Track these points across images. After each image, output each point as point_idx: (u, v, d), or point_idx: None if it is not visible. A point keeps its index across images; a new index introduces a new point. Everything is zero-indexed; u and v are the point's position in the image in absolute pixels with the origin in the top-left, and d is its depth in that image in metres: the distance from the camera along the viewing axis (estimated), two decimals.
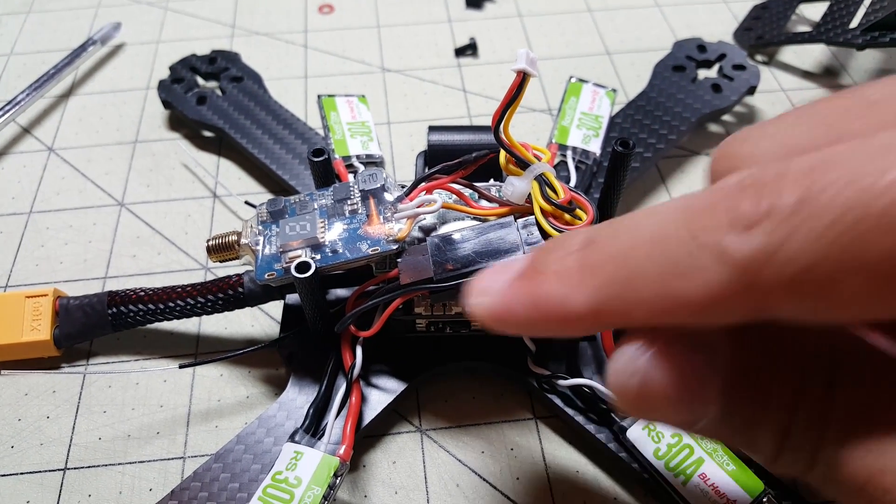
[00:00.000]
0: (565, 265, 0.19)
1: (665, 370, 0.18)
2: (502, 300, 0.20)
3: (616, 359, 0.18)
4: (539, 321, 0.19)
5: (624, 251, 0.17)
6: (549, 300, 0.18)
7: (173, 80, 0.45)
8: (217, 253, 0.31)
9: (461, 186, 0.30)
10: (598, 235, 0.18)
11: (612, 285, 0.17)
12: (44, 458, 0.31)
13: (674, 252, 0.16)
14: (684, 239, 0.16)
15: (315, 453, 0.27)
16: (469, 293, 0.21)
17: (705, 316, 0.16)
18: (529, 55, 0.27)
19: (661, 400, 0.18)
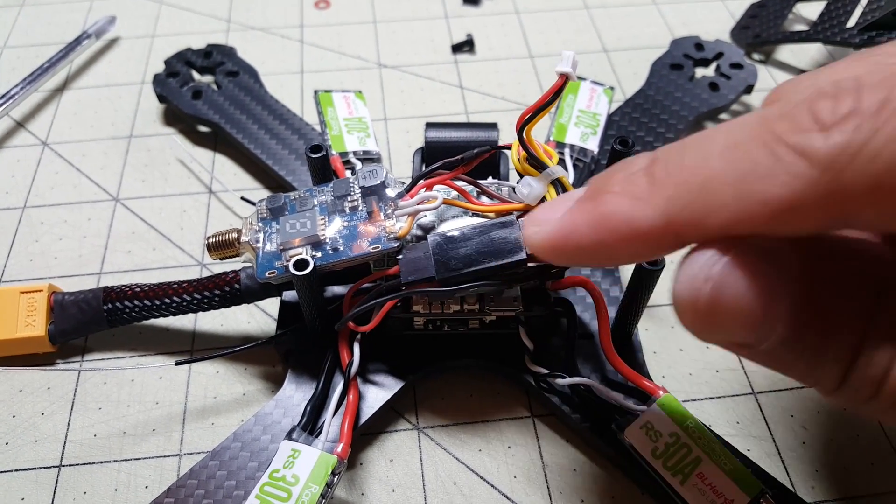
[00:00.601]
0: (632, 181, 0.18)
1: (740, 277, 0.17)
2: (564, 224, 0.19)
3: (687, 266, 0.17)
4: (606, 242, 0.18)
5: (697, 161, 0.17)
6: (617, 217, 0.18)
7: (168, 74, 0.44)
8: (217, 250, 0.31)
9: (462, 183, 0.30)
10: (665, 154, 0.18)
11: (687, 194, 0.17)
12: (38, 455, 0.31)
13: (754, 154, 0.16)
14: (765, 141, 0.16)
15: (312, 451, 0.27)
16: (526, 223, 0.20)
17: (785, 222, 0.16)
18: (574, 58, 0.27)
19: (732, 312, 0.17)
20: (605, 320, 0.31)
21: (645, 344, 0.34)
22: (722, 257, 0.17)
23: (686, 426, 0.28)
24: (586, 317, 0.33)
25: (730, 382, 0.33)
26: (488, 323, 0.31)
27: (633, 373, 0.30)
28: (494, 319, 0.31)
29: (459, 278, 0.27)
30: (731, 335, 0.18)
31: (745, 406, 0.32)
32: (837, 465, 0.30)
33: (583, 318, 0.33)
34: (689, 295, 0.17)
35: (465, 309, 0.30)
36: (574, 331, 0.32)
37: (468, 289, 0.27)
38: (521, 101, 0.46)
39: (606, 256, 0.19)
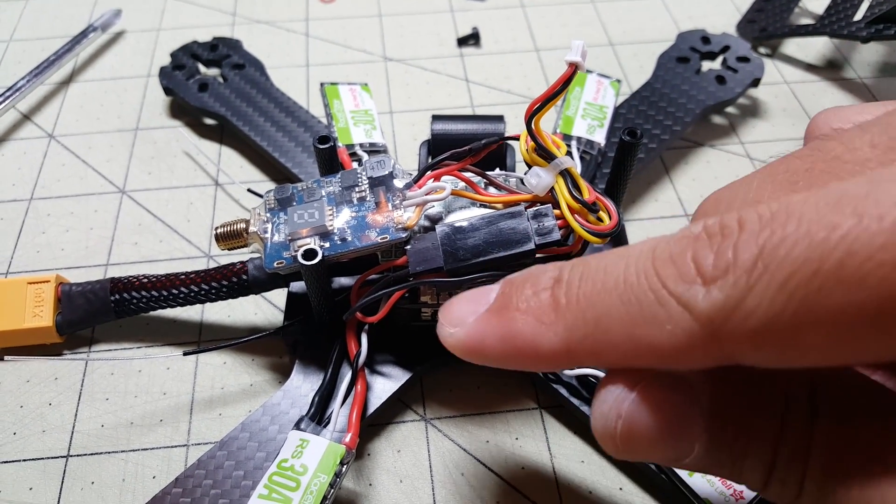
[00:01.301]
0: (537, 302, 0.19)
1: (648, 412, 0.18)
2: (475, 333, 0.20)
3: (599, 403, 0.19)
4: (511, 357, 0.19)
5: (594, 293, 0.18)
6: (521, 338, 0.19)
7: (174, 66, 0.44)
8: (225, 241, 0.31)
9: (470, 174, 0.30)
10: (569, 275, 0.19)
11: (584, 326, 0.18)
12: (46, 445, 0.31)
13: (640, 299, 0.17)
14: (652, 285, 0.16)
15: (321, 441, 0.27)
16: (442, 320, 0.21)
17: (674, 362, 0.16)
18: (583, 48, 0.26)
19: (647, 442, 0.18)
20: None
21: None
22: (629, 393, 0.18)
23: None
24: None
25: None
26: None
27: None
28: None
29: (468, 268, 0.27)
30: (651, 458, 0.19)
31: None
32: None
33: None
34: (605, 430, 0.19)
35: None
36: None
37: (476, 279, 0.27)
38: (527, 94, 0.46)
39: (516, 367, 0.20)
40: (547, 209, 0.28)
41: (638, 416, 0.18)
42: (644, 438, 0.18)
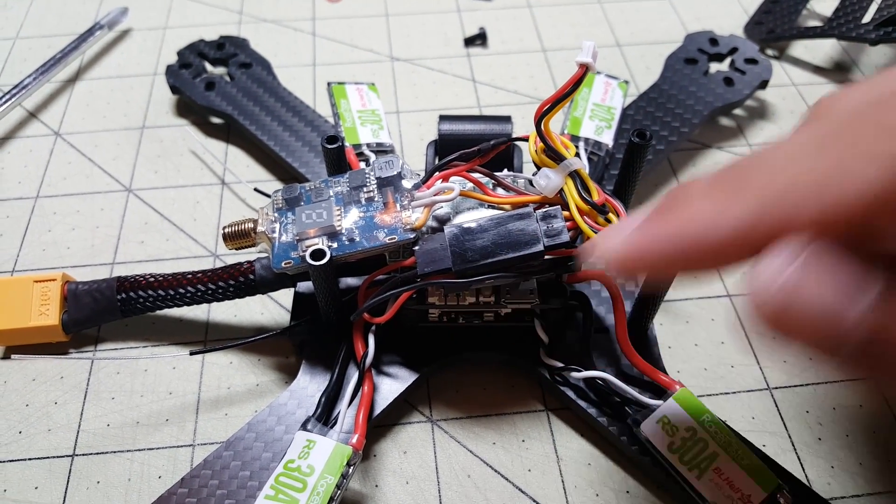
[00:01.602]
0: (714, 188, 0.18)
1: (818, 277, 0.17)
2: (641, 236, 0.20)
3: (763, 266, 0.17)
4: (684, 253, 0.19)
5: (777, 166, 0.18)
6: (696, 226, 0.18)
7: (181, 65, 0.44)
8: (233, 240, 0.31)
9: (478, 174, 0.30)
10: (737, 164, 0.18)
11: (772, 195, 0.17)
12: (52, 444, 0.31)
13: (841, 154, 0.17)
14: (847, 143, 0.17)
15: (328, 442, 0.27)
16: (596, 244, 0.21)
17: (870, 217, 0.16)
18: (594, 48, 0.26)
19: (810, 312, 0.17)
20: (622, 314, 0.31)
21: (660, 339, 0.34)
22: (802, 256, 0.17)
23: (702, 421, 0.28)
24: (602, 311, 0.33)
25: (745, 378, 0.33)
26: (504, 315, 0.31)
27: (649, 367, 0.30)
28: (510, 312, 0.31)
29: (476, 270, 0.27)
30: (807, 335, 0.17)
31: (760, 401, 0.32)
32: (853, 461, 0.30)
33: (598, 312, 0.33)
34: (765, 297, 0.17)
35: (481, 301, 0.30)
36: (590, 324, 0.31)
37: (484, 280, 0.27)
38: (534, 94, 0.46)
39: (683, 265, 0.19)
40: (556, 210, 0.28)
41: (806, 281, 0.17)
42: (808, 307, 0.17)
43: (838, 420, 0.31)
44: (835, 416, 0.31)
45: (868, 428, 0.31)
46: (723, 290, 0.36)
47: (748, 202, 0.18)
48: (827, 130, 0.17)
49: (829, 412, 0.32)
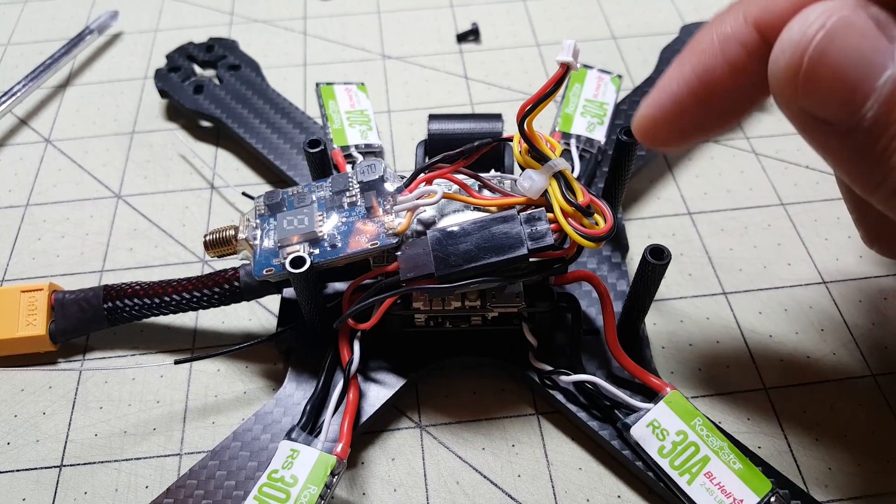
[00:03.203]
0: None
1: (854, 34, 0.19)
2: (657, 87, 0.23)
3: (799, 19, 0.19)
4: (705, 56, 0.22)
5: None
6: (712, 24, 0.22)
7: (170, 68, 0.44)
8: (214, 248, 0.30)
9: (463, 176, 0.30)
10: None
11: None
12: (40, 455, 0.31)
13: None
14: None
15: (311, 451, 0.27)
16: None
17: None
18: (575, 47, 0.26)
19: (842, 68, 0.19)
20: (611, 315, 0.30)
21: (653, 339, 0.33)
22: (842, 11, 0.19)
23: (694, 424, 0.28)
24: (592, 312, 0.32)
25: (740, 378, 0.32)
26: (490, 319, 0.30)
27: (639, 369, 0.29)
28: (497, 316, 0.30)
29: (459, 274, 0.27)
30: (827, 100, 0.19)
31: (755, 402, 0.31)
32: (851, 463, 0.29)
33: (588, 314, 0.32)
34: (800, 41, 0.19)
35: (467, 305, 0.29)
36: (579, 327, 0.31)
37: (468, 285, 0.27)
38: (528, 90, 0.45)
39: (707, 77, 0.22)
40: (540, 213, 0.27)
41: (844, 33, 0.19)
42: (839, 64, 0.19)
43: (836, 421, 0.31)
44: (832, 416, 0.31)
45: (867, 428, 0.30)
46: (718, 288, 0.35)
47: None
48: None
49: (827, 412, 0.31)
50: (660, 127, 0.24)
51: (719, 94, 0.23)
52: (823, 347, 0.33)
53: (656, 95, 0.24)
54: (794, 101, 0.21)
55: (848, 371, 0.32)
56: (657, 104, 0.24)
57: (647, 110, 0.24)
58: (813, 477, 0.29)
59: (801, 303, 0.34)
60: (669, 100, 0.24)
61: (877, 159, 0.20)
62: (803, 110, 0.21)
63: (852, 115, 0.19)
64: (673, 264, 0.35)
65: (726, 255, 0.36)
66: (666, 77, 0.24)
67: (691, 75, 0.23)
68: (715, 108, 0.23)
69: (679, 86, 0.23)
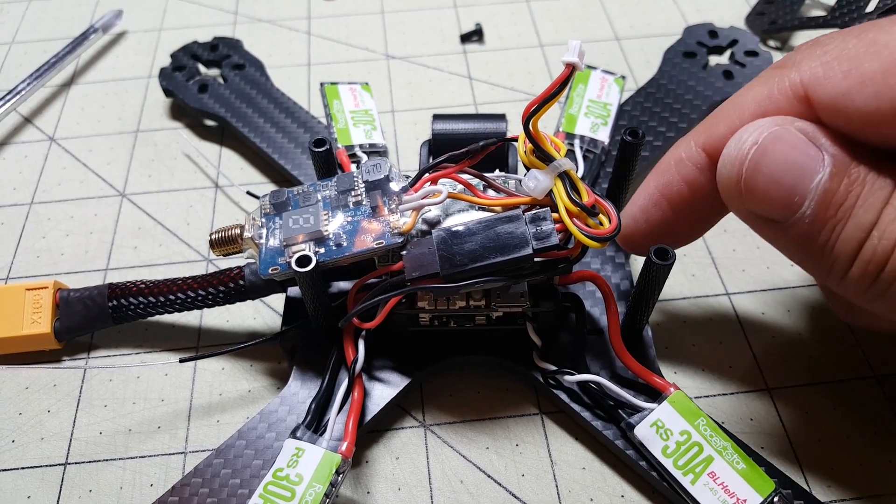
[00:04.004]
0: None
1: (785, 147, 0.23)
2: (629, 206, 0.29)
3: (737, 135, 0.24)
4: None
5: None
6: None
7: (175, 67, 0.44)
8: (220, 246, 0.30)
9: (468, 176, 0.30)
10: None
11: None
12: (44, 453, 0.31)
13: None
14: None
15: (316, 450, 0.27)
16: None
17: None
18: (581, 47, 0.26)
19: (778, 164, 0.23)
20: (615, 315, 0.30)
21: (656, 339, 0.33)
22: (772, 127, 0.23)
23: (697, 424, 0.28)
24: (596, 312, 0.33)
25: (744, 379, 0.32)
26: (495, 319, 0.31)
27: (643, 369, 0.29)
28: (501, 315, 0.30)
29: (464, 274, 0.27)
30: (767, 205, 0.23)
31: (759, 403, 0.31)
32: (853, 463, 0.30)
33: (592, 314, 0.32)
34: (737, 156, 0.23)
35: (472, 305, 0.29)
36: (583, 326, 0.31)
37: (473, 285, 0.27)
38: (531, 91, 0.45)
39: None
40: (545, 213, 0.27)
41: (772, 140, 0.23)
42: (777, 160, 0.22)
43: (839, 421, 0.31)
44: (835, 417, 0.31)
45: (869, 428, 0.30)
46: (721, 288, 0.35)
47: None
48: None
49: (830, 412, 0.31)
50: (634, 235, 0.29)
51: (681, 206, 0.28)
52: (826, 348, 0.33)
53: (628, 209, 0.29)
54: (740, 205, 0.24)
55: (850, 372, 0.32)
56: (631, 216, 0.29)
57: (624, 221, 0.29)
58: (815, 477, 0.29)
59: (804, 304, 0.35)
60: (640, 212, 0.29)
61: (820, 251, 0.23)
62: (751, 212, 0.24)
63: (792, 214, 0.23)
64: (676, 265, 0.35)
65: (729, 255, 0.37)
66: (636, 194, 0.29)
67: (654, 191, 0.28)
68: (680, 218, 0.28)
69: (645, 200, 0.29)
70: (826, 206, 0.22)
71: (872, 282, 0.22)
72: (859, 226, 0.22)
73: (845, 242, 0.22)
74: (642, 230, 0.29)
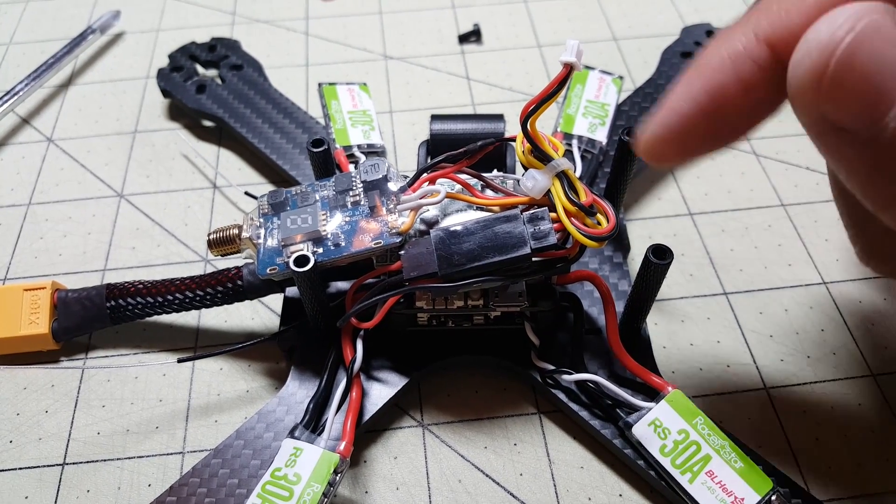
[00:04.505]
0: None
1: (885, 41, 0.18)
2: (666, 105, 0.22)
3: (825, 22, 0.19)
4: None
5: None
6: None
7: (172, 68, 0.44)
8: (218, 247, 0.30)
9: (466, 176, 0.30)
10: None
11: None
12: (42, 453, 0.31)
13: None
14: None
15: (314, 450, 0.27)
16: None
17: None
18: (579, 47, 0.26)
19: (868, 75, 0.18)
20: (613, 315, 0.30)
21: (654, 339, 0.33)
22: (872, 15, 0.19)
23: (695, 423, 0.28)
24: (594, 311, 0.33)
25: (741, 378, 0.32)
26: (493, 319, 0.31)
27: (641, 368, 0.29)
28: (499, 315, 0.30)
29: (462, 274, 0.27)
30: (851, 106, 0.19)
31: (756, 402, 0.31)
32: (851, 462, 0.30)
33: (590, 313, 0.32)
34: (828, 42, 0.19)
35: (470, 304, 0.29)
36: (581, 326, 0.31)
37: (471, 284, 0.27)
38: (529, 91, 0.45)
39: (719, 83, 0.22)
40: (543, 212, 0.27)
41: (871, 31, 0.18)
42: (865, 70, 0.18)
43: (836, 420, 0.31)
44: (833, 416, 0.31)
45: (867, 427, 0.31)
46: (719, 288, 0.35)
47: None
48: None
49: (828, 412, 0.31)
50: (667, 146, 0.24)
51: (730, 112, 0.22)
52: (824, 347, 0.33)
53: (665, 114, 0.23)
54: (815, 106, 0.20)
55: (848, 371, 0.32)
56: (665, 123, 0.23)
57: (656, 129, 0.23)
58: (813, 476, 0.29)
59: (802, 303, 0.35)
60: (678, 119, 0.23)
61: (894, 173, 0.19)
62: (823, 117, 0.20)
63: (874, 123, 0.19)
64: (674, 264, 0.35)
65: (727, 255, 0.37)
66: (675, 96, 0.23)
67: (702, 94, 0.22)
68: (723, 125, 0.23)
69: (689, 105, 0.23)
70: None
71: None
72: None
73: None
74: (678, 141, 0.23)
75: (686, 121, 0.22)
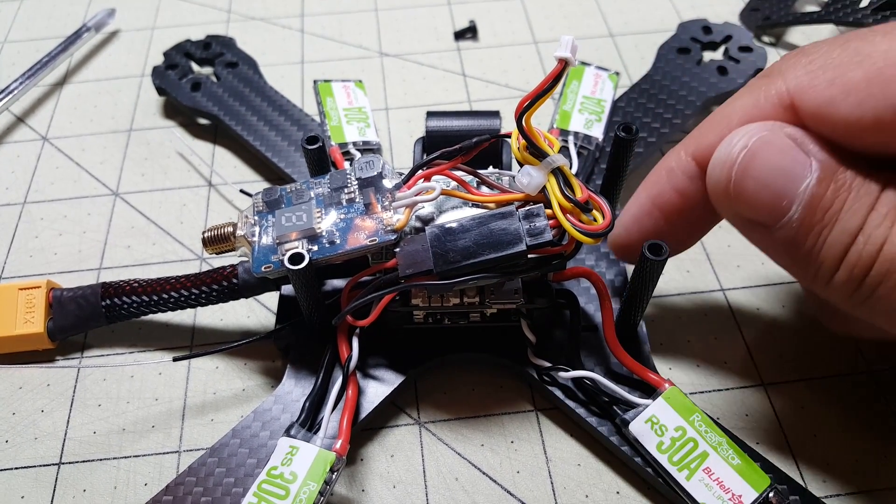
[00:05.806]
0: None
1: (775, 151, 0.23)
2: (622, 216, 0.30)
3: (727, 140, 0.24)
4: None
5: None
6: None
7: (167, 66, 0.44)
8: (213, 245, 0.30)
9: (461, 172, 0.30)
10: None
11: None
12: (38, 453, 0.31)
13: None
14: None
15: (311, 448, 0.27)
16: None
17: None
18: (573, 43, 0.26)
19: (767, 169, 0.23)
20: (609, 312, 0.30)
21: (651, 335, 0.33)
22: (761, 132, 0.23)
23: (692, 420, 0.28)
24: (590, 308, 0.32)
25: (739, 374, 0.32)
26: (489, 316, 0.31)
27: (637, 365, 0.29)
28: (495, 312, 0.30)
29: (458, 271, 0.27)
30: (755, 207, 0.23)
31: (754, 398, 0.31)
32: (849, 458, 0.30)
33: (586, 310, 0.32)
34: (727, 160, 0.24)
35: (466, 302, 0.29)
36: (577, 323, 0.31)
37: (467, 282, 0.27)
38: (525, 88, 0.45)
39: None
40: (539, 209, 0.27)
41: (762, 145, 0.23)
42: (766, 164, 0.23)
43: (834, 416, 0.31)
44: (831, 412, 0.31)
45: (864, 424, 0.30)
46: (716, 284, 0.35)
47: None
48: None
49: (825, 408, 0.31)
50: (627, 245, 0.30)
51: (673, 215, 0.28)
52: (821, 343, 0.33)
53: (622, 219, 0.30)
54: (729, 209, 0.25)
55: (845, 367, 0.32)
56: (623, 226, 0.30)
57: (616, 231, 0.30)
58: (811, 472, 0.29)
59: (799, 299, 0.35)
60: (632, 222, 0.29)
61: (807, 255, 0.23)
62: (739, 216, 0.25)
63: (779, 218, 0.23)
64: (671, 261, 0.35)
65: (724, 251, 0.36)
66: (628, 205, 0.30)
67: (646, 201, 0.29)
68: (673, 227, 0.28)
69: (637, 210, 0.29)
70: (813, 211, 0.23)
71: (857, 286, 0.23)
72: (845, 230, 0.22)
73: (831, 247, 0.23)
74: (634, 240, 0.29)
75: (638, 222, 0.29)
